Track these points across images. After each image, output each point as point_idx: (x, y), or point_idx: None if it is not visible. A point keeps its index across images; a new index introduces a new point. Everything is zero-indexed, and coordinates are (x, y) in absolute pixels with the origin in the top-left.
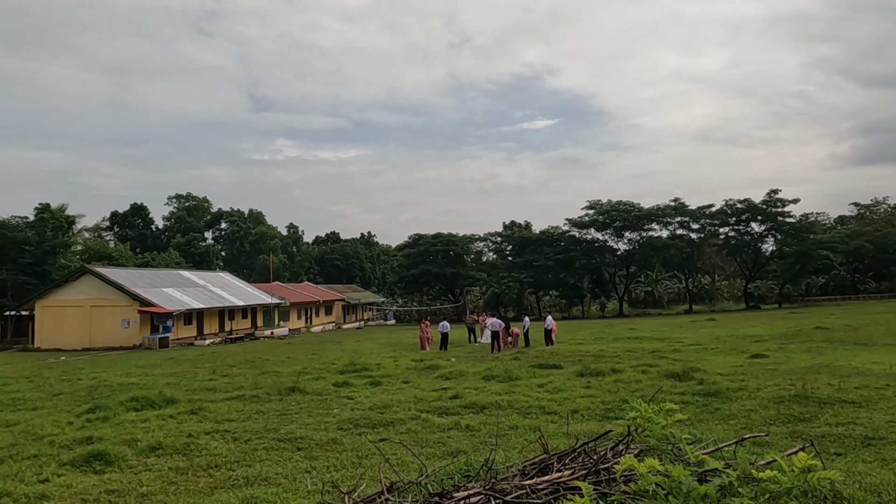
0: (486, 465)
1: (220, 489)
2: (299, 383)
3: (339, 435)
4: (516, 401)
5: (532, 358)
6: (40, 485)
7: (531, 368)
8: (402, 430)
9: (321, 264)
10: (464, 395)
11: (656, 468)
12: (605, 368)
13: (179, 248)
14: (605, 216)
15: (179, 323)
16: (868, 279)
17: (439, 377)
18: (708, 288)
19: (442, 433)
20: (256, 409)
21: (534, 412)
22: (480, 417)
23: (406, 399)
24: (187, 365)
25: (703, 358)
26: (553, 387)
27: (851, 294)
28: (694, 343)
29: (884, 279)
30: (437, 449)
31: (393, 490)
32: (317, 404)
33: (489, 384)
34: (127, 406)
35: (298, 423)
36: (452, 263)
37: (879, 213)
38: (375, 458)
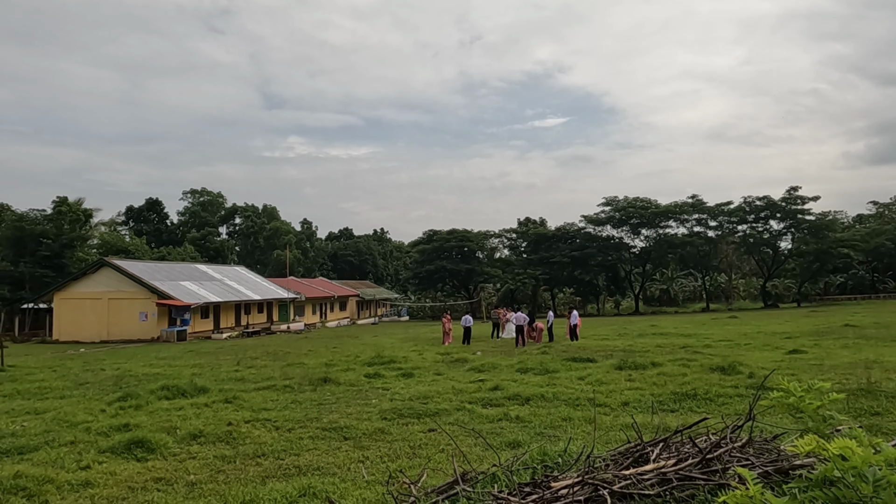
0: (582, 454)
1: (271, 478)
2: (330, 374)
3: (385, 425)
4: (561, 393)
5: (560, 352)
6: (82, 472)
7: (565, 361)
8: (448, 420)
9: (334, 260)
10: (504, 387)
11: (841, 451)
12: (645, 362)
13: (194, 242)
14: (621, 213)
15: (196, 316)
16: (887, 278)
17: (472, 370)
18: (724, 286)
19: (492, 424)
20: (292, 399)
21: (582, 404)
22: (528, 409)
23: (444, 390)
24: (208, 357)
25: (740, 353)
26: (594, 379)
27: (870, 294)
28: (723, 339)
29: None
30: (493, 439)
31: (467, 479)
32: (353, 394)
33: (526, 376)
34: (158, 395)
35: (339, 413)
36: (467, 259)
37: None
38: (429, 448)
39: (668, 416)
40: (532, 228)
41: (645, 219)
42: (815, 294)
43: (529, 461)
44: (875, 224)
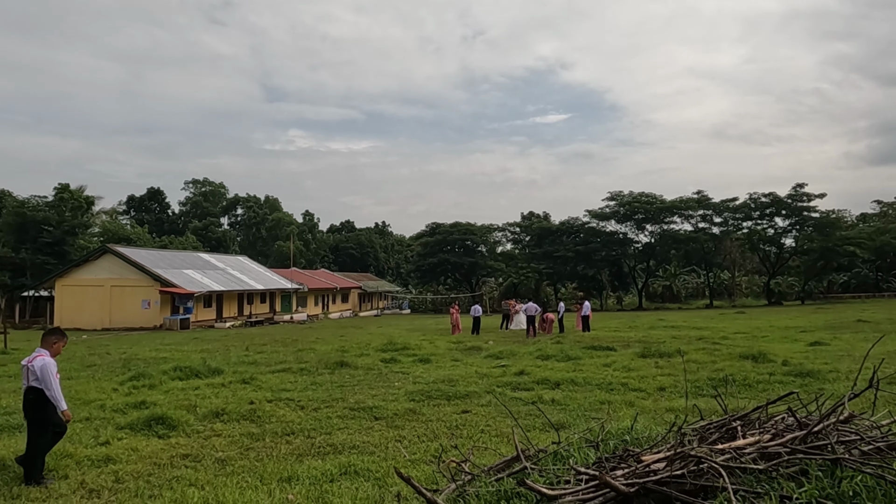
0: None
1: (306, 456)
2: (345, 358)
3: (415, 406)
4: (590, 378)
5: (575, 342)
6: (101, 447)
7: (584, 350)
8: (481, 402)
9: (336, 252)
10: (530, 372)
11: None
12: (670, 350)
13: (196, 232)
14: (626, 208)
15: (199, 305)
16: (891, 277)
17: (490, 357)
18: (727, 283)
19: (526, 406)
20: (311, 381)
21: (616, 388)
22: (560, 393)
23: (468, 374)
24: (215, 343)
25: (760, 345)
26: (621, 366)
27: (874, 292)
28: (738, 332)
29: None
30: (533, 421)
31: (528, 457)
32: (373, 377)
33: (548, 363)
34: (171, 375)
35: (363, 394)
36: (470, 253)
37: None
38: (468, 428)
39: (710, 401)
40: (536, 222)
41: (650, 214)
42: (818, 292)
43: (593, 438)
44: (879, 223)
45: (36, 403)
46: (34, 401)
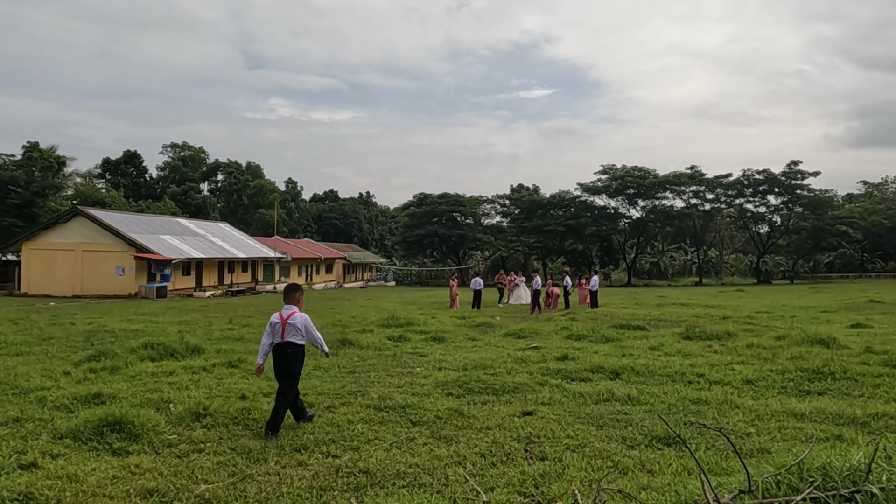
0: None
1: (329, 491)
2: (347, 335)
3: (457, 403)
4: (652, 365)
5: (588, 319)
6: (22, 473)
7: (612, 329)
8: (539, 399)
9: (319, 222)
10: (575, 357)
11: None
12: (716, 331)
13: (175, 198)
14: (618, 182)
15: (177, 273)
16: (875, 258)
17: (510, 335)
18: (715, 261)
19: (598, 405)
20: (313, 365)
21: (693, 380)
22: (625, 385)
23: (500, 358)
24: (194, 314)
25: (798, 326)
26: (673, 350)
27: (860, 273)
28: (758, 311)
29: (891, 259)
30: (626, 431)
31: None
32: (388, 361)
33: (583, 344)
34: (140, 354)
35: (384, 385)
36: (458, 225)
37: (888, 192)
38: (546, 444)
39: (825, 400)
40: (526, 195)
41: (642, 189)
42: (805, 272)
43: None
44: (867, 203)
45: (294, 357)
46: (292, 355)
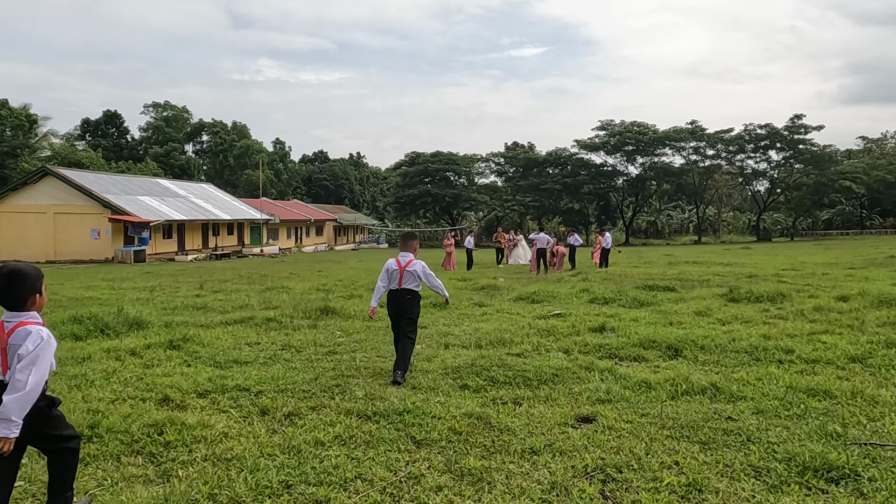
0: None
1: None
2: (330, 301)
3: (479, 405)
4: (715, 337)
5: (603, 280)
6: None
7: (640, 290)
8: (590, 394)
9: (309, 184)
10: (615, 327)
11: None
12: (764, 292)
13: (157, 159)
14: (616, 138)
15: (158, 236)
16: (874, 214)
17: (522, 299)
18: (713, 219)
19: (682, 403)
20: (282, 342)
21: (783, 359)
22: (704, 371)
23: (520, 330)
24: (166, 279)
25: (841, 283)
26: (726, 316)
27: (859, 229)
28: (781, 269)
29: (889, 215)
30: (754, 452)
31: None
32: (378, 335)
33: (612, 309)
34: (61, 331)
35: (373, 372)
36: (451, 185)
37: (887, 147)
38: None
39: None
40: (521, 153)
41: (641, 145)
42: (804, 229)
43: None
44: (868, 158)
45: (413, 302)
46: (410, 300)
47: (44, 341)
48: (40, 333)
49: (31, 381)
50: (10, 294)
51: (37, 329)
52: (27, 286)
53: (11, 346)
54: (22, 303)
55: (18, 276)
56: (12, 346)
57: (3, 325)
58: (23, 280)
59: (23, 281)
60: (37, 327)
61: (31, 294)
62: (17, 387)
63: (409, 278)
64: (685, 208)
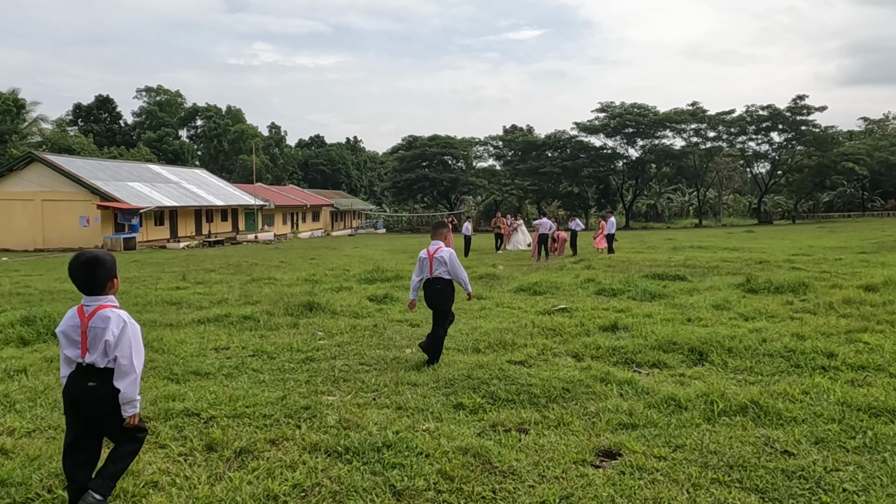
0: None
1: None
2: (316, 296)
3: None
4: (739, 337)
5: (607, 267)
6: None
7: (649, 280)
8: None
9: (305, 169)
10: (630, 326)
11: None
12: (783, 281)
13: (150, 144)
14: (616, 120)
15: (150, 223)
16: (875, 196)
17: (522, 290)
18: (713, 202)
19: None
20: (255, 345)
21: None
22: (729, 378)
23: (523, 329)
24: (152, 268)
25: (860, 270)
26: (748, 310)
27: (860, 211)
28: (797, 254)
29: (890, 197)
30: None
31: None
32: (364, 337)
33: (621, 302)
34: (7, 334)
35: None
36: (449, 169)
37: (889, 128)
38: None
39: None
40: (520, 136)
41: (641, 127)
42: (804, 212)
43: None
44: (870, 140)
45: (443, 292)
46: (441, 289)
47: (126, 324)
48: (121, 317)
49: (137, 363)
50: (90, 280)
51: (116, 313)
52: (105, 272)
53: (92, 328)
54: (100, 288)
55: (97, 262)
56: (92, 329)
57: (83, 309)
58: (101, 266)
59: (101, 266)
60: (116, 311)
61: (108, 279)
62: (126, 371)
63: (437, 265)
64: (685, 191)
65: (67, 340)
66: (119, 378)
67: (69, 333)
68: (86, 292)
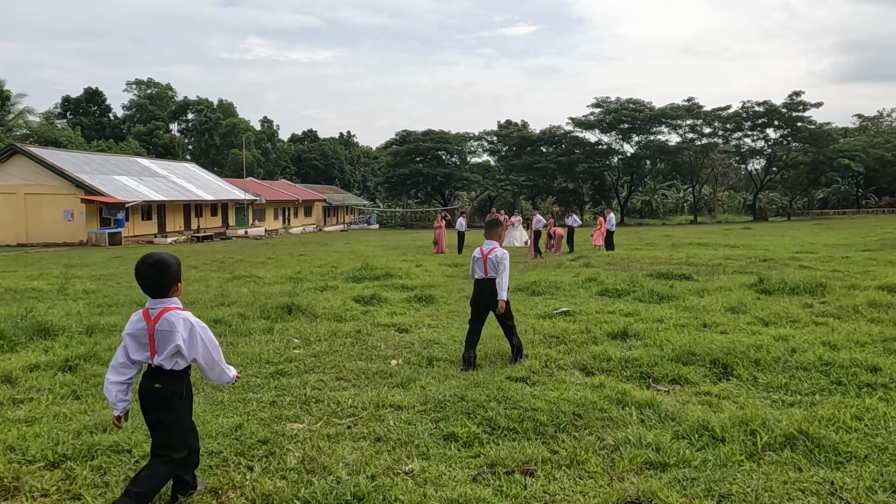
0: None
1: None
2: (297, 297)
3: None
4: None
5: (606, 265)
6: None
7: (654, 279)
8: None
9: (298, 164)
10: (643, 333)
11: None
12: (798, 281)
13: (140, 137)
14: (612, 115)
15: (137, 218)
16: (870, 193)
17: (521, 290)
18: (708, 199)
19: (768, 467)
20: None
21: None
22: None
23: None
24: (132, 265)
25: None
26: (766, 314)
27: (855, 208)
28: (801, 251)
29: (884, 194)
30: None
31: None
32: (346, 346)
33: (632, 304)
34: None
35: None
36: (443, 164)
37: (883, 125)
38: None
39: None
40: (515, 131)
41: (636, 123)
42: (799, 209)
43: None
44: (865, 137)
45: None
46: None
47: (193, 325)
48: (187, 319)
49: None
50: (155, 282)
51: (182, 315)
52: (170, 275)
53: (159, 331)
54: (165, 290)
55: (164, 265)
56: (160, 332)
57: (149, 312)
58: (167, 268)
59: (167, 269)
60: (182, 313)
61: (173, 283)
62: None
63: (491, 266)
64: (680, 188)
65: (136, 343)
66: (208, 374)
67: (137, 336)
68: (150, 294)
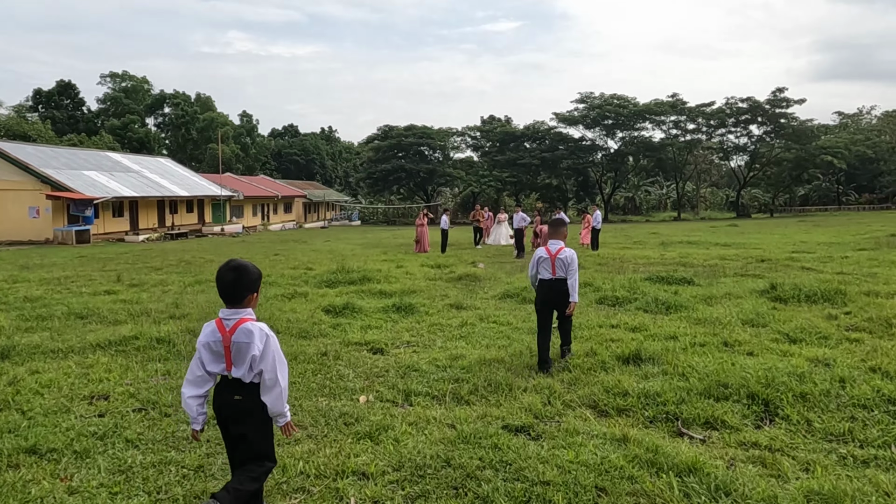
0: None
1: None
2: (259, 307)
3: None
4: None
5: (597, 266)
6: None
7: (654, 285)
8: None
9: (278, 159)
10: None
11: None
12: (814, 287)
13: (113, 131)
14: (596, 111)
15: (107, 214)
16: (850, 190)
17: (509, 297)
18: (691, 195)
19: None
20: (147, 394)
21: None
22: (808, 443)
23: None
24: (94, 265)
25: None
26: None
27: (836, 206)
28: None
29: (864, 191)
30: None
31: None
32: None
33: (637, 316)
34: None
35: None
36: (426, 159)
37: (862, 123)
38: None
39: None
40: (498, 126)
41: (621, 118)
42: (781, 205)
43: None
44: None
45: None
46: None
47: (269, 337)
48: (262, 330)
49: (282, 377)
50: (233, 288)
51: (257, 326)
52: (248, 282)
53: (235, 343)
54: (240, 299)
55: (244, 270)
56: (236, 344)
57: (223, 322)
58: (246, 274)
59: (246, 275)
60: (257, 324)
61: (251, 292)
62: (271, 385)
63: (561, 266)
64: (663, 184)
65: (211, 354)
66: (265, 392)
67: (212, 346)
68: (226, 301)
